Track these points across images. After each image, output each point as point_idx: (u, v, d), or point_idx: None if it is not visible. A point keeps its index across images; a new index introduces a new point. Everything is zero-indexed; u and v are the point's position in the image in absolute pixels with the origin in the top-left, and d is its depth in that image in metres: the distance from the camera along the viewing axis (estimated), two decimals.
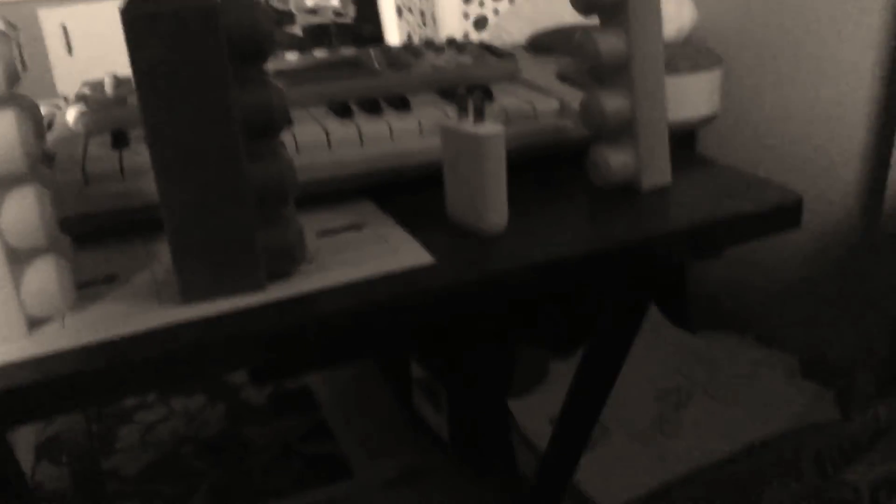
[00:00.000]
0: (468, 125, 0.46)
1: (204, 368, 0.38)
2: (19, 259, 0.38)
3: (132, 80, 0.60)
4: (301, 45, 1.53)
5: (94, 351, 0.37)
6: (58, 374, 0.36)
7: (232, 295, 0.41)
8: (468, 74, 0.61)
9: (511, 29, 1.06)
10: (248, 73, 0.39)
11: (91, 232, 0.47)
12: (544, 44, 0.69)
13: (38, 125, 0.40)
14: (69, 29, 2.03)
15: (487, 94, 0.58)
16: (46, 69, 1.99)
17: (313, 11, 1.61)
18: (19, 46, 0.38)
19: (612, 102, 0.49)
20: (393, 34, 1.35)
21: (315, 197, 0.51)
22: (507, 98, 0.57)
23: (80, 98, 0.56)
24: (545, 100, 0.57)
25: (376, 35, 1.43)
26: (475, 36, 1.14)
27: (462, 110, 0.47)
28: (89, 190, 0.47)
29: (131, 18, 0.36)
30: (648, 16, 0.48)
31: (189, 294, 0.40)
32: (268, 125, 0.40)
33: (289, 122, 0.41)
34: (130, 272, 0.44)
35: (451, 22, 1.19)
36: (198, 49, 0.37)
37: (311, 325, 0.40)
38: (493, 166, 0.45)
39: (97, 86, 0.59)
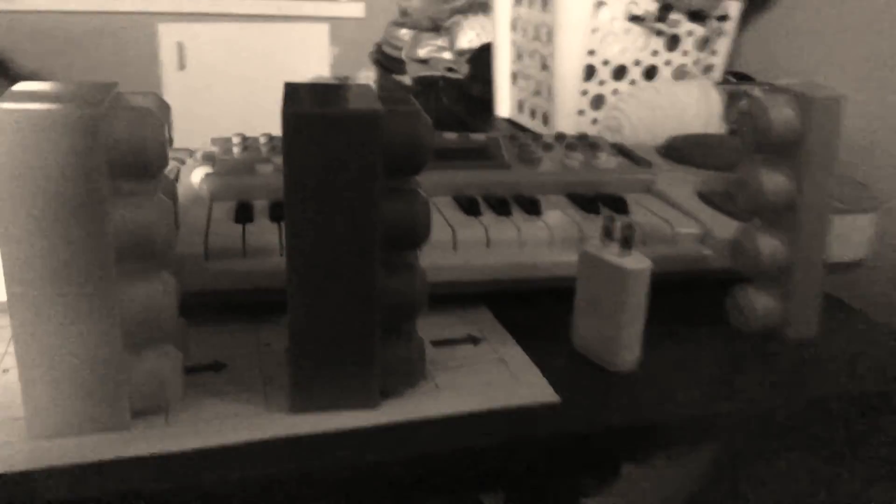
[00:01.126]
0: (612, 254, 0.42)
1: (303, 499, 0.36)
2: (134, 347, 0.36)
3: (259, 143, 0.59)
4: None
5: (192, 460, 0.35)
6: (151, 482, 0.33)
7: (343, 409, 0.38)
8: (602, 181, 0.58)
9: (629, 112, 1.02)
10: (398, 183, 0.37)
11: (204, 308, 0.45)
12: (680, 151, 0.65)
13: (174, 209, 0.39)
14: (185, 45, 2.10)
15: (622, 206, 0.55)
16: (157, 82, 2.06)
17: (425, 62, 1.62)
18: (170, 126, 0.37)
19: (770, 243, 0.46)
20: (504, 99, 1.34)
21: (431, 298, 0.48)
22: (644, 214, 0.54)
23: (207, 158, 0.55)
24: (686, 221, 0.53)
25: (486, 96, 1.42)
26: (591, 114, 1.11)
27: (607, 235, 0.43)
28: (209, 265, 0.45)
29: (293, 117, 0.34)
30: (825, 154, 0.44)
31: (299, 405, 0.38)
32: (409, 240, 0.37)
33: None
34: (240, 362, 0.42)
35: (568, 97, 1.16)
36: (355, 156, 0.34)
37: (419, 459, 0.37)
38: (634, 302, 0.42)
39: (225, 145, 0.58)
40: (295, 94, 0.36)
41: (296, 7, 2.16)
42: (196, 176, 0.53)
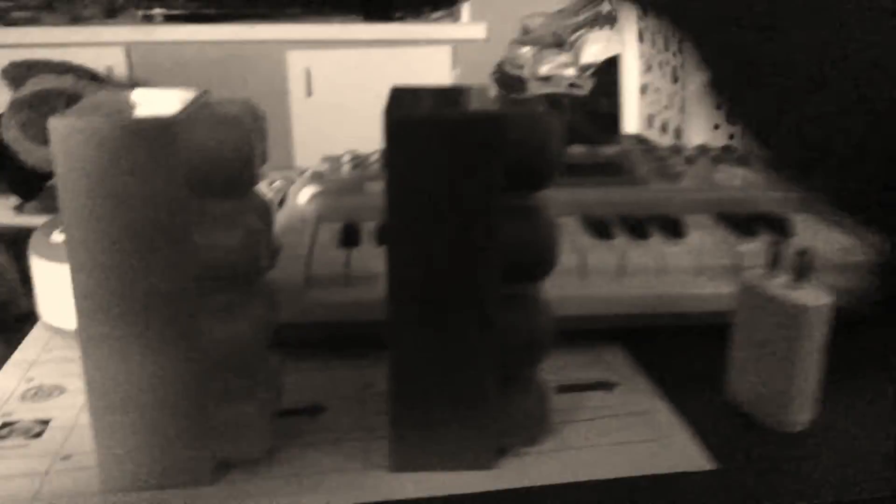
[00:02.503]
0: (782, 286, 0.35)
1: None
2: (217, 390, 0.32)
3: (370, 161, 0.55)
4: None
5: None
6: None
7: (452, 469, 0.32)
8: (757, 199, 0.50)
9: None
10: (520, 200, 0.31)
11: (303, 343, 0.41)
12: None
13: (268, 233, 0.35)
14: (312, 72, 2.14)
15: (785, 228, 0.46)
16: (286, 109, 2.10)
17: (547, 80, 1.56)
18: (262, 138, 0.33)
19: None
20: (632, 113, 1.26)
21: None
22: (810, 237, 0.45)
23: (316, 177, 0.52)
24: (861, 247, 0.44)
25: (612, 112, 1.34)
26: (728, 128, 1.01)
27: (775, 263, 0.36)
28: (310, 295, 0.41)
29: (396, 122, 0.29)
30: None
31: (400, 463, 0.32)
32: (533, 268, 0.31)
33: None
34: (339, 406, 0.37)
35: (701, 110, 1.07)
36: (469, 167, 0.29)
37: None
38: (811, 346, 0.34)
39: (335, 163, 0.55)
40: (401, 97, 0.31)
41: (418, 30, 2.16)
42: (303, 196, 0.49)
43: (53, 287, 0.41)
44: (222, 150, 0.30)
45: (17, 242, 0.55)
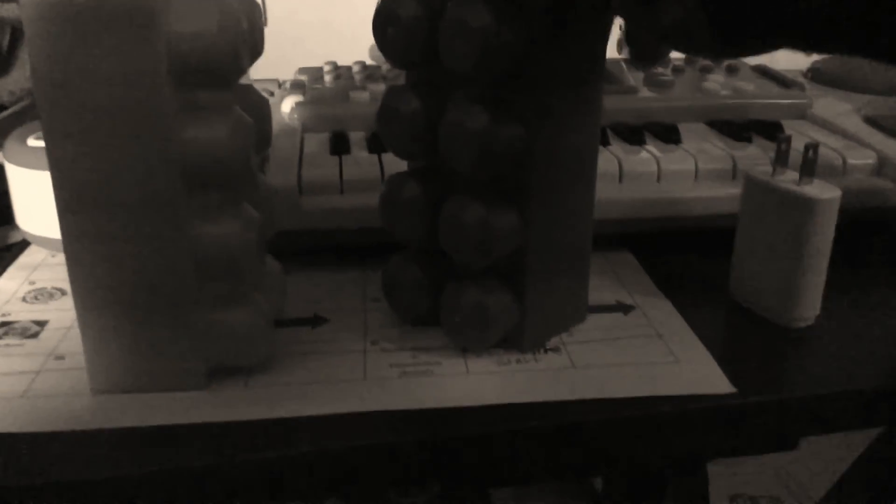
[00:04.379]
0: (789, 182, 0.35)
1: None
2: (212, 294, 0.30)
3: (353, 71, 0.53)
4: None
5: (258, 430, 0.29)
6: (219, 454, 0.28)
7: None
8: (748, 105, 0.50)
9: None
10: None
11: (300, 252, 0.40)
12: (832, 74, 0.56)
13: (264, 128, 0.33)
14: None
15: (776, 133, 0.46)
16: None
17: None
18: (255, 25, 0.30)
19: (504, 220, 0.32)
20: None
21: None
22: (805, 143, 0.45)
23: (297, 86, 0.50)
24: (857, 150, 0.44)
25: None
26: None
27: (781, 160, 0.35)
28: (304, 202, 0.39)
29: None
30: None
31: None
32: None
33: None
34: (341, 314, 0.36)
35: None
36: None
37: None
38: (821, 241, 0.34)
39: (315, 73, 0.52)
40: None
41: None
42: (286, 105, 0.47)
43: (31, 194, 0.39)
44: (206, 32, 0.27)
45: None
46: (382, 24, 0.31)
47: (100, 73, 0.26)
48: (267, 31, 0.34)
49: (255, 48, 0.31)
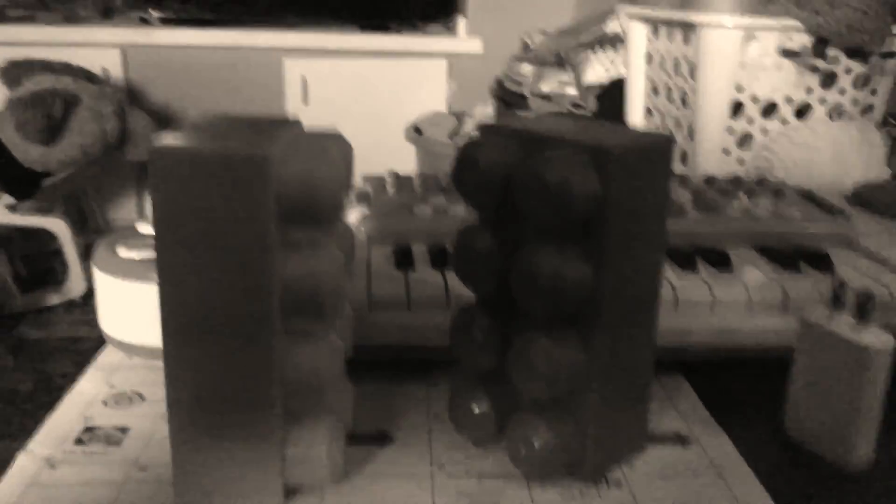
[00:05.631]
0: (844, 326, 0.36)
1: None
2: (293, 415, 0.32)
3: (415, 184, 0.56)
4: None
5: None
6: None
7: None
8: (794, 231, 0.51)
9: (782, 153, 0.94)
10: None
11: (368, 366, 0.41)
12: (877, 200, 0.58)
13: (351, 257, 0.35)
14: (308, 80, 2.14)
15: (826, 264, 0.48)
16: (282, 115, 2.10)
17: (548, 98, 1.58)
18: (350, 168, 0.33)
19: (565, 353, 0.33)
20: None
21: None
22: (853, 275, 0.47)
23: (362, 197, 0.52)
24: None
25: None
26: (737, 153, 1.03)
27: (836, 303, 0.37)
28: (374, 317, 0.41)
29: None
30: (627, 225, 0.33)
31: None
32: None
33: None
34: (407, 435, 0.38)
35: (712, 135, 1.09)
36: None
37: None
38: (874, 387, 0.35)
39: (378, 184, 0.55)
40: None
41: (415, 42, 2.17)
42: (353, 217, 0.50)
43: (116, 301, 0.41)
44: (313, 184, 0.30)
45: (10, 241, 0.55)
46: (462, 170, 0.34)
47: (216, 215, 0.29)
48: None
49: (349, 187, 0.33)
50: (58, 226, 0.51)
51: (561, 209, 0.31)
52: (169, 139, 0.29)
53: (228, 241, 0.29)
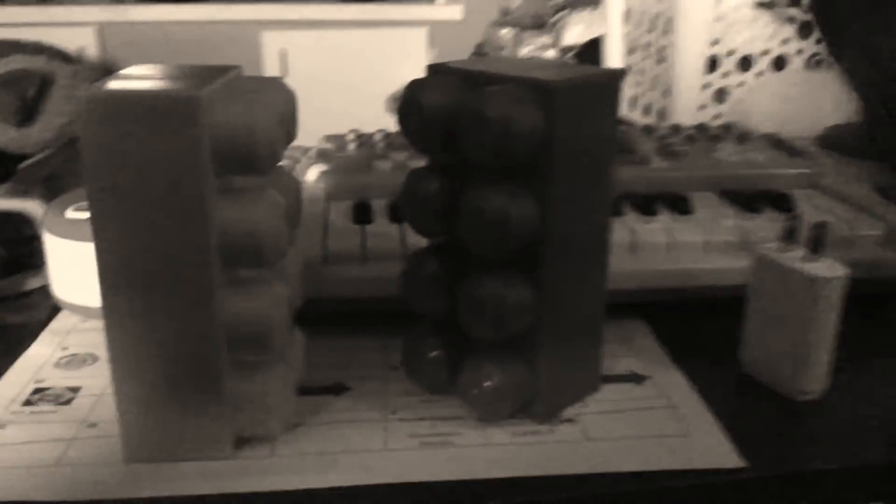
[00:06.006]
0: (798, 259, 0.36)
1: None
2: (240, 365, 0.32)
3: (375, 139, 0.55)
4: None
5: (298, 501, 0.30)
6: None
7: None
8: (759, 175, 0.51)
9: (758, 106, 0.94)
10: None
11: (324, 319, 0.41)
12: (846, 143, 0.57)
13: (296, 207, 0.34)
14: (288, 52, 2.12)
15: (787, 204, 0.47)
16: None
17: None
18: (290, 116, 0.33)
19: (518, 294, 0.33)
20: None
21: None
22: (814, 213, 0.46)
23: (322, 155, 0.52)
24: (866, 221, 0.46)
25: None
26: (713, 109, 1.03)
27: (790, 237, 0.37)
28: (328, 271, 0.41)
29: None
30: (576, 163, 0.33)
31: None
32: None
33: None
34: (364, 385, 0.37)
35: (688, 91, 1.09)
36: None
37: None
38: (828, 318, 0.35)
39: (340, 141, 0.55)
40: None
41: (395, 11, 2.15)
42: (312, 174, 0.49)
43: (67, 263, 0.41)
44: (248, 127, 0.29)
45: None
46: (405, 113, 0.33)
47: (147, 162, 0.28)
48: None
49: (290, 136, 0.33)
50: (35, 208, 0.50)
51: (502, 145, 0.30)
52: (99, 84, 0.29)
53: (162, 187, 0.29)
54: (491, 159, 0.31)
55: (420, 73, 0.35)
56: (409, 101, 0.33)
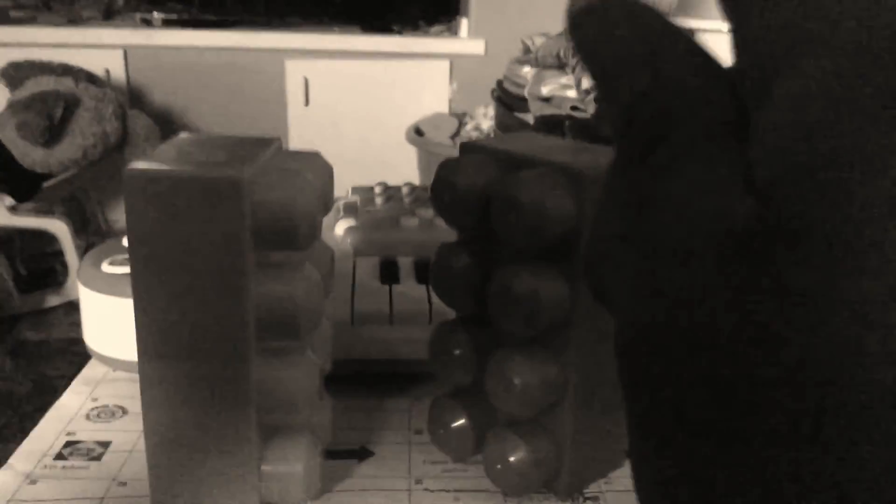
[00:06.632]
0: None
1: None
2: (268, 433, 0.33)
3: (402, 194, 0.56)
4: None
5: None
6: None
7: None
8: None
9: None
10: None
11: (349, 380, 0.42)
12: None
13: (330, 276, 0.35)
14: (310, 81, 2.14)
15: None
16: (283, 117, 2.11)
17: (548, 100, 1.57)
18: (328, 189, 0.33)
19: (542, 371, 0.33)
20: None
21: None
22: None
23: (349, 209, 0.52)
24: None
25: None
26: None
27: None
28: (356, 332, 0.42)
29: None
30: None
31: None
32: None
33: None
34: (387, 451, 0.38)
35: None
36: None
37: None
38: None
39: (366, 195, 0.55)
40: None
41: (417, 43, 2.17)
42: (339, 228, 0.50)
43: (100, 316, 0.42)
44: (289, 208, 0.30)
45: (10, 243, 0.55)
46: (439, 191, 0.34)
47: (190, 237, 0.29)
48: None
49: (326, 209, 0.34)
50: (58, 227, 0.51)
51: (535, 230, 0.31)
52: (142, 162, 0.30)
53: (203, 263, 0.29)
54: (523, 242, 0.32)
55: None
56: (443, 181, 0.34)
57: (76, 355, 0.44)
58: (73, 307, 0.50)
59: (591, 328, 0.33)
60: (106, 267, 0.42)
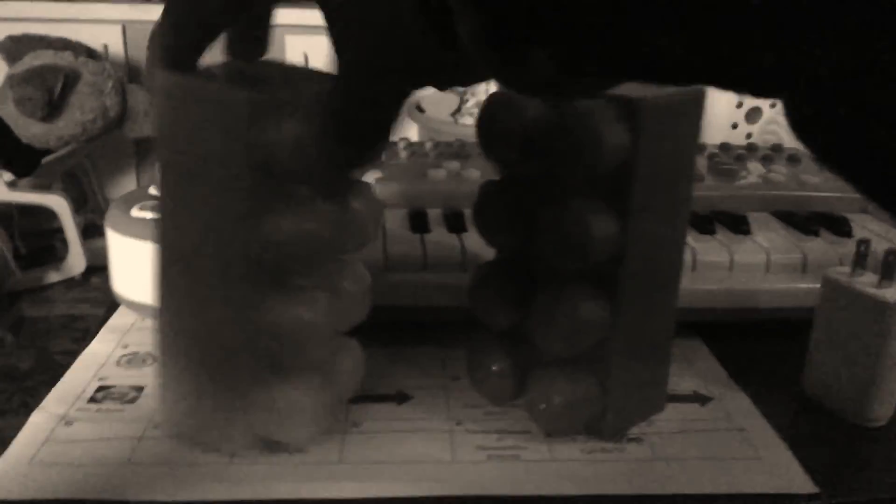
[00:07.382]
0: (868, 284, 0.36)
1: None
2: (275, 369, 0.31)
3: (427, 149, 0.55)
4: None
5: None
6: None
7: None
8: (813, 198, 0.51)
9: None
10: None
11: (383, 326, 0.41)
12: None
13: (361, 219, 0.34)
14: (310, 56, 2.13)
15: (844, 229, 0.47)
16: None
17: None
18: None
19: (591, 308, 0.33)
20: None
21: None
22: (873, 238, 0.46)
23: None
24: None
25: None
26: (744, 128, 1.02)
27: (860, 262, 0.36)
28: (389, 278, 0.41)
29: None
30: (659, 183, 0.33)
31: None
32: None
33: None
34: (425, 392, 0.37)
35: (720, 109, 1.09)
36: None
37: None
38: (895, 345, 0.35)
39: (390, 148, 0.54)
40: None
41: None
42: (367, 180, 0.49)
43: (129, 261, 0.41)
44: (299, 137, 0.28)
45: (10, 219, 0.54)
46: (485, 126, 0.33)
47: (210, 150, 0.29)
48: None
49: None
50: (58, 203, 0.50)
51: (591, 161, 0.30)
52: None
53: (216, 183, 0.29)
54: (578, 174, 0.31)
55: None
56: (490, 115, 0.33)
57: (77, 331, 0.43)
58: (72, 283, 0.49)
59: (641, 264, 0.33)
60: (135, 212, 0.41)
